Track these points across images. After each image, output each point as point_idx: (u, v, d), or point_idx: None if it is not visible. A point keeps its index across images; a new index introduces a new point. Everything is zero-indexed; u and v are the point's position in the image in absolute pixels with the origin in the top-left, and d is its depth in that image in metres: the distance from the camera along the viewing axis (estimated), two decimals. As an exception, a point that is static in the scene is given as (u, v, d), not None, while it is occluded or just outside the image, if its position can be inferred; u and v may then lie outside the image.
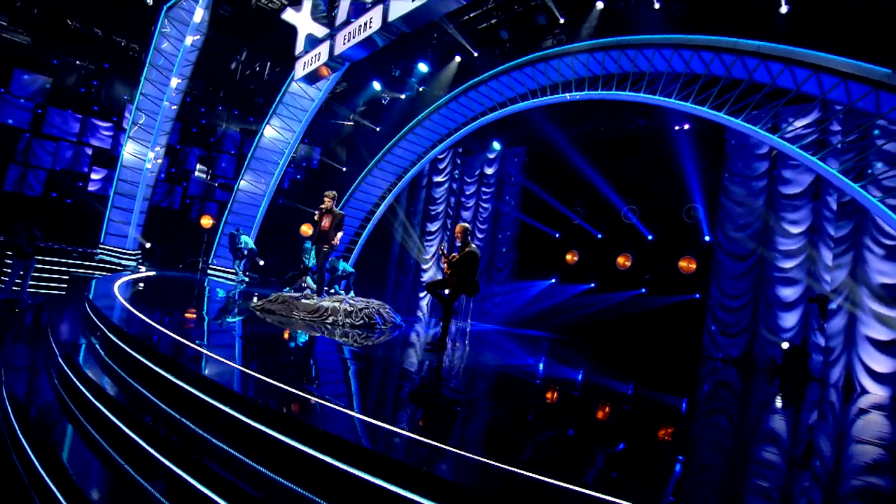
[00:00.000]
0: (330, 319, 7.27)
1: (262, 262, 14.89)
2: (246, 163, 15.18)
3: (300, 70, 11.49)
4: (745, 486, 3.02)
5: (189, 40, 12.90)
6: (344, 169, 17.39)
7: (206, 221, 16.01)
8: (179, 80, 13.47)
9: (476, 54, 12.21)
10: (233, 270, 14.57)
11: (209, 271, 15.66)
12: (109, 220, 14.50)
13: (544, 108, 12.95)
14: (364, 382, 4.24)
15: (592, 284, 14.82)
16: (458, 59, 12.99)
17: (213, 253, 16.08)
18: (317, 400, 3.17)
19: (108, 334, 4.58)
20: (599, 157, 14.05)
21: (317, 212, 8.23)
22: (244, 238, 13.45)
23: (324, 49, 10.59)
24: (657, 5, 9.89)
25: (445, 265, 6.89)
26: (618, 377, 7.93)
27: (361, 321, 7.46)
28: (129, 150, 14.27)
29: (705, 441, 4.21)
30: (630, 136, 13.66)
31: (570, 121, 14.39)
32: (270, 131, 14.55)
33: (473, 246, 6.77)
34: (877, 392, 8.60)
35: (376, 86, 14.93)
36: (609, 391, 6.22)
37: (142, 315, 5.30)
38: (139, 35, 16.06)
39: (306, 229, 17.38)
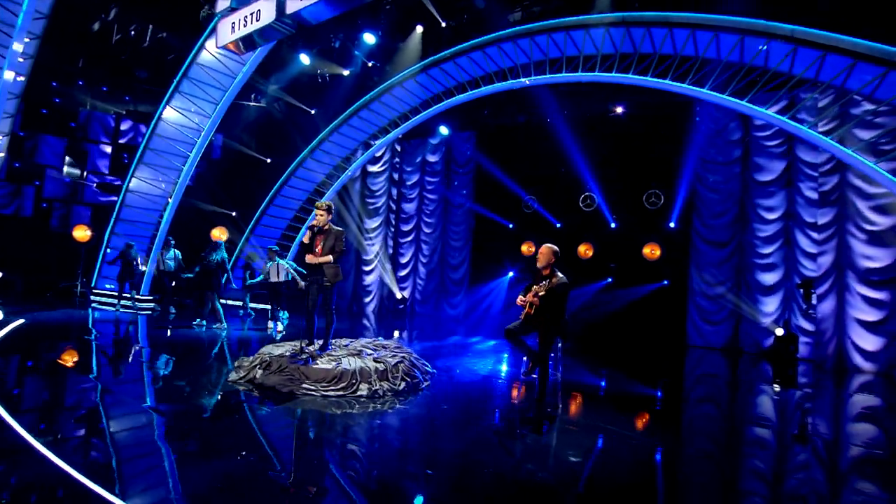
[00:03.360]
0: (363, 389, 4.97)
1: (173, 283, 11.32)
2: (137, 155, 11.24)
3: (226, 34, 8.35)
4: None
5: (39, -16, 8.75)
6: (269, 160, 14.02)
7: (83, 233, 11.74)
8: (28, 40, 9.21)
9: (444, 24, 10.03)
10: (116, 294, 10.87)
11: (93, 298, 11.57)
12: (-75, 243, 9.76)
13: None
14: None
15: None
16: (419, 29, 10.66)
17: (95, 274, 11.95)
18: None
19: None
20: (559, 142, 12.91)
21: (307, 231, 5.72)
22: (175, 251, 10.11)
23: (267, 6, 7.71)
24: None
25: (527, 304, 5.02)
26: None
27: (403, 383, 5.27)
28: (-51, 141, 9.59)
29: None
30: (593, 121, 12.66)
31: (528, 104, 12.99)
32: (172, 114, 10.85)
33: (561, 275, 5.01)
34: (867, 368, 8.76)
35: (305, 59, 11.92)
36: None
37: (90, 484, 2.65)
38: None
39: (219, 234, 13.85)
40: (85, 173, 11.84)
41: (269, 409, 4.40)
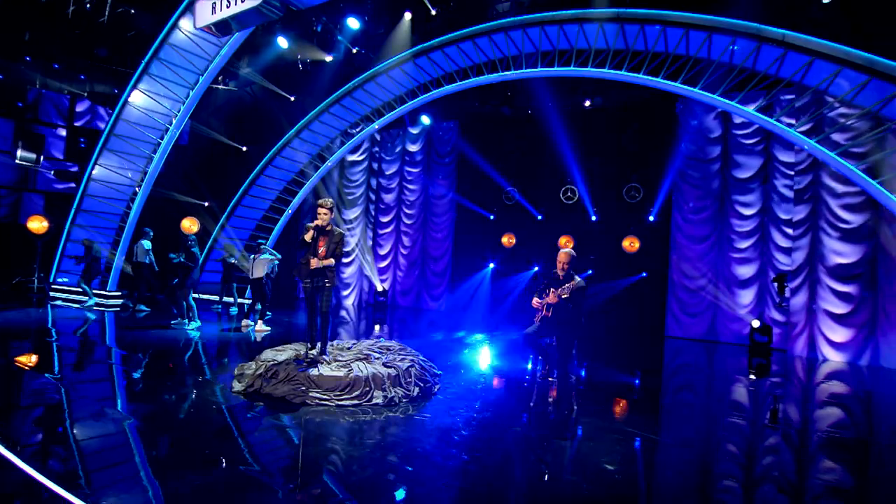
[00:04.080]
0: (378, 397, 4.80)
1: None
2: (101, 141, 10.43)
3: (206, 15, 7.83)
4: None
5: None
6: (244, 148, 13.33)
7: (39, 224, 10.84)
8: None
9: (434, 12, 9.73)
10: (77, 289, 10.23)
11: (52, 295, 10.77)
12: None
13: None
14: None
15: (536, 268, 14.02)
16: (408, 16, 10.29)
17: (54, 268, 11.13)
18: None
19: None
20: (541, 134, 12.95)
21: (310, 230, 5.44)
22: (143, 251, 9.51)
23: (253, -14, 7.26)
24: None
25: (543, 306, 4.98)
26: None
27: (417, 388, 5.14)
28: None
29: None
30: (575, 114, 12.71)
31: (513, 95, 12.91)
32: (140, 98, 10.09)
33: (579, 277, 4.99)
34: (836, 358, 9.32)
35: (283, 42, 11.33)
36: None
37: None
38: None
39: (190, 225, 13.12)
40: (41, 158, 10.86)
41: (286, 423, 4.18)
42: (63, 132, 13.16)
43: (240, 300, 11.85)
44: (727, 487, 3.57)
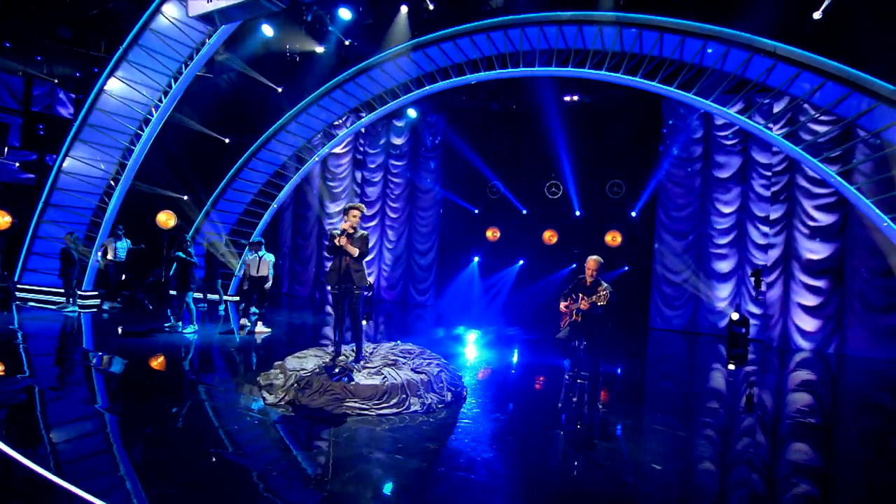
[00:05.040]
0: (416, 404, 4.87)
1: (123, 276, 10.17)
2: (73, 130, 9.76)
3: (201, 3, 7.52)
4: None
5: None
6: (226, 140, 12.79)
7: (1, 220, 10.10)
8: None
9: (432, 7, 9.63)
10: (45, 289, 9.71)
11: (19, 295, 10.10)
12: None
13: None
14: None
15: (522, 261, 14.34)
16: (405, 9, 10.13)
17: (19, 266, 10.43)
18: None
19: None
20: (528, 129, 13.17)
21: (338, 235, 5.38)
22: (126, 240, 9.01)
23: (257, -25, 7.02)
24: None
25: (573, 311, 5.17)
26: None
27: (449, 393, 5.23)
28: None
29: None
30: (562, 110, 12.94)
31: (500, 91, 13.01)
32: (117, 86, 9.50)
33: (605, 283, 5.20)
34: (806, 347, 10.12)
35: (267, 30, 10.90)
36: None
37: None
38: None
39: (166, 219, 12.54)
40: (5, 149, 10.04)
41: (337, 437, 4.19)
42: (19, 122, 12.20)
43: (225, 297, 11.51)
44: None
